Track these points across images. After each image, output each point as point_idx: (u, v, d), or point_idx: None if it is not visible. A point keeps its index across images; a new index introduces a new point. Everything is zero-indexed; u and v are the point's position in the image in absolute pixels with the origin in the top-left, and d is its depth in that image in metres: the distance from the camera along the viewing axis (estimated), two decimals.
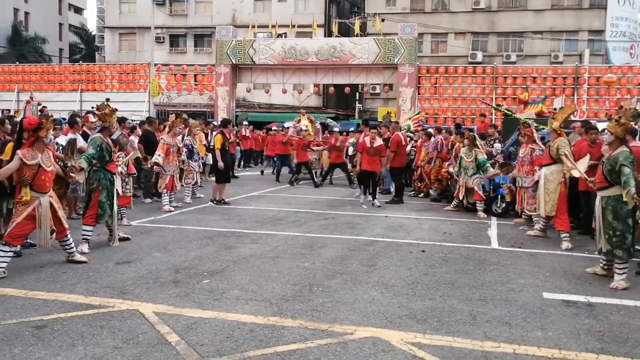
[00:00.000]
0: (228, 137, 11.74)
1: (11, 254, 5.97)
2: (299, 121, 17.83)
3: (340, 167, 15.73)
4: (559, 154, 8.02)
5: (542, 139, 9.93)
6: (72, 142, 7.50)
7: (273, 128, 21.94)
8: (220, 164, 11.15)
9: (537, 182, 8.73)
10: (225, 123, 12.06)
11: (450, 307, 5.23)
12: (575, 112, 14.25)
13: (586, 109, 21.12)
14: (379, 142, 11.88)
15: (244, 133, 21.50)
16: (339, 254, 7.29)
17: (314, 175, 16.30)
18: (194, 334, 4.39)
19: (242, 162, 21.84)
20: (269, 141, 19.91)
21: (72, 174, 6.91)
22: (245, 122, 24.03)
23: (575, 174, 7.61)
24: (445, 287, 5.88)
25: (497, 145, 12.41)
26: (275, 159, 18.55)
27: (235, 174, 18.06)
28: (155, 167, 10.50)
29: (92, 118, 11.13)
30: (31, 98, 19.52)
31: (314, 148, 16.52)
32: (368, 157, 11.70)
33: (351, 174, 15.06)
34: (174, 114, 11.89)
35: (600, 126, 9.45)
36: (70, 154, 7.10)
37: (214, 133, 12.66)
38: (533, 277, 6.35)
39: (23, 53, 40.14)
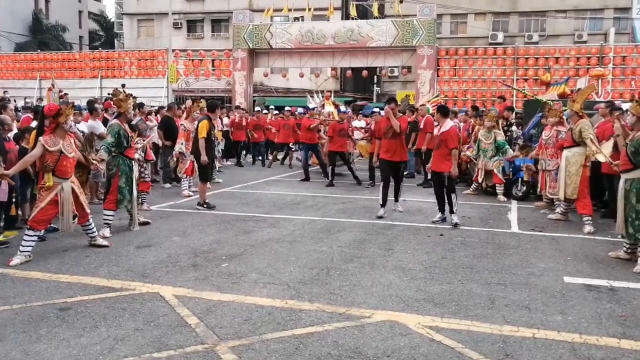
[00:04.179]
0: (214, 124, 9.60)
1: (36, 238, 6.10)
2: (324, 106, 15.39)
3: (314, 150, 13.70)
4: (583, 137, 7.85)
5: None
6: (89, 137, 7.60)
7: (286, 109, 18.29)
8: (204, 157, 9.10)
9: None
10: (212, 107, 9.60)
11: (468, 291, 5.20)
12: (595, 92, 13.90)
13: (611, 90, 20.62)
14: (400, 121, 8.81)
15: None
16: (357, 238, 7.29)
17: (354, 170, 13.00)
18: (213, 317, 4.44)
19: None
20: (280, 125, 16.78)
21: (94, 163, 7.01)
22: (287, 107, 22.57)
23: (601, 158, 7.46)
24: (464, 271, 5.85)
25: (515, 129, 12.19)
26: (291, 146, 16.57)
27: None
28: (178, 155, 10.68)
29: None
30: (53, 85, 19.72)
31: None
32: (388, 143, 8.82)
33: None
34: (190, 99, 11.88)
35: (625, 107, 9.24)
36: (90, 148, 7.19)
37: (200, 118, 10.12)
38: (554, 261, 6.28)
39: (44, 41, 40.55)
